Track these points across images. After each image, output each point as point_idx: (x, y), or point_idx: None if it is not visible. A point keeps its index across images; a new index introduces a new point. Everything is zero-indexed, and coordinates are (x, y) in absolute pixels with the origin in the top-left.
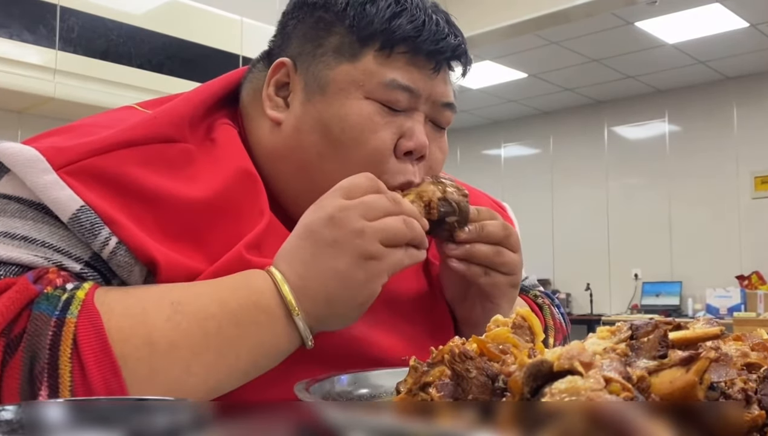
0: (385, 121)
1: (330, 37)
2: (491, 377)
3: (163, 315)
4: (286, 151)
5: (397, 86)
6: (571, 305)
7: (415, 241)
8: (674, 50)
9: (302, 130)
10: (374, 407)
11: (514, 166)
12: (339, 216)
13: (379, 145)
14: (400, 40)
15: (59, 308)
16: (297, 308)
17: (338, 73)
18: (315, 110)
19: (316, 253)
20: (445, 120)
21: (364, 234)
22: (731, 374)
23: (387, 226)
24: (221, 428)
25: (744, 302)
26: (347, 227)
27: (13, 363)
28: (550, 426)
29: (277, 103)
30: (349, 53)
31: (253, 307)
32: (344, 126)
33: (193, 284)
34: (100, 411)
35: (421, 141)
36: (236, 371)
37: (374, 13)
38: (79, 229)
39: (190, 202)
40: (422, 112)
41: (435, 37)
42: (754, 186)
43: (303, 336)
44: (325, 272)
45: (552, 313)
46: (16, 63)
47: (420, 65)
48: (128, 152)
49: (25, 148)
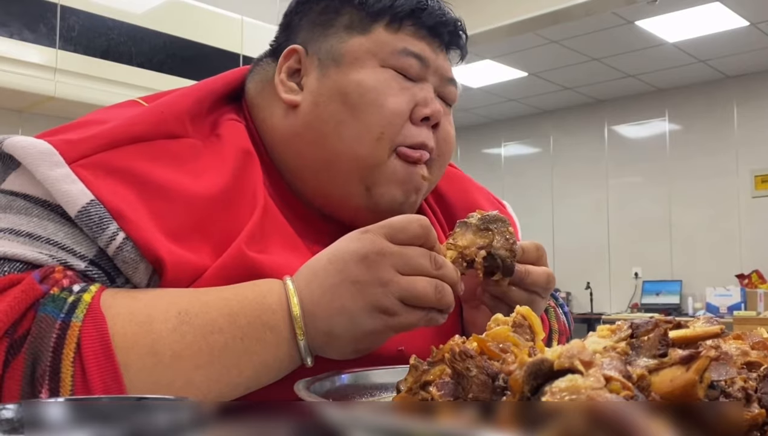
0: (401, 87)
1: (340, 18)
2: (491, 375)
3: (169, 325)
4: (303, 128)
5: (409, 53)
6: (571, 303)
7: (440, 308)
8: (674, 49)
9: (320, 104)
10: (374, 406)
11: (514, 165)
12: (373, 259)
13: (397, 108)
14: (407, 15)
15: (65, 311)
16: (303, 330)
17: (352, 45)
18: (331, 81)
19: (335, 285)
20: (451, 95)
21: (388, 287)
22: (731, 373)
23: (415, 287)
24: (221, 428)
25: (744, 300)
26: (375, 273)
27: (16, 364)
28: (551, 425)
29: (291, 88)
30: (360, 27)
31: (261, 324)
32: (362, 90)
33: (202, 292)
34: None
35: (436, 107)
36: (238, 386)
37: None
38: (87, 222)
39: (197, 196)
40: (431, 84)
41: (437, 13)
42: (754, 185)
43: (303, 356)
44: (337, 307)
45: (557, 315)
46: (16, 62)
47: (427, 39)
48: (137, 148)
49: (38, 141)
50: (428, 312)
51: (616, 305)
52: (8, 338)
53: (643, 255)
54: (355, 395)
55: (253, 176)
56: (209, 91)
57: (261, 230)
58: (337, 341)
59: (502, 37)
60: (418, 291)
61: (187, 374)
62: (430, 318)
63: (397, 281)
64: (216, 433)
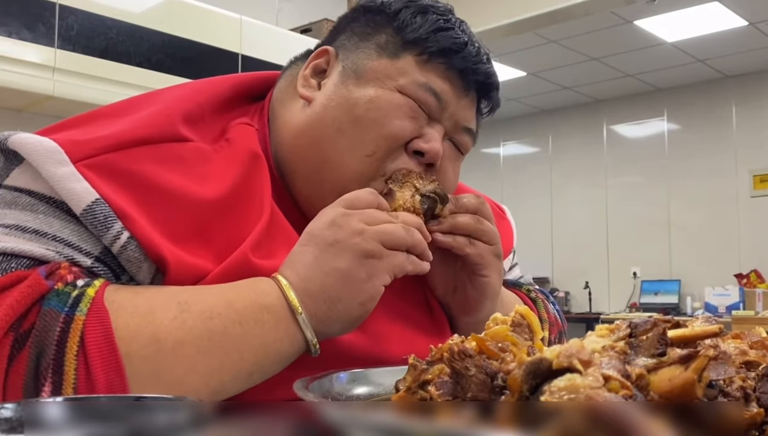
0: (410, 115)
1: (377, 35)
2: (490, 375)
3: (170, 314)
4: (307, 127)
5: (429, 89)
6: (570, 303)
7: (416, 249)
8: (673, 49)
9: (328, 107)
10: (373, 406)
11: (513, 164)
12: (340, 220)
13: (397, 131)
14: (440, 52)
15: (69, 305)
16: (300, 308)
17: (377, 65)
18: (346, 91)
19: (317, 254)
20: (464, 144)
21: (364, 233)
22: (730, 372)
23: (386, 229)
24: (221, 427)
25: (743, 300)
26: (347, 228)
27: (21, 358)
28: (549, 424)
29: (311, 84)
30: (391, 51)
31: (257, 307)
32: (371, 106)
33: (201, 287)
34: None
35: (436, 147)
36: (240, 372)
37: (422, 22)
38: (92, 221)
39: (202, 201)
40: (444, 127)
41: (473, 58)
42: (752, 184)
43: (308, 339)
44: (327, 272)
45: (546, 307)
46: (15, 61)
47: (453, 81)
48: (144, 150)
49: (44, 139)
50: (409, 256)
51: (614, 305)
52: (14, 333)
53: (642, 255)
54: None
55: (260, 181)
56: (213, 95)
57: (267, 235)
58: (340, 305)
59: (501, 37)
60: (391, 231)
61: (189, 360)
62: (413, 261)
63: (369, 227)
64: (215, 432)
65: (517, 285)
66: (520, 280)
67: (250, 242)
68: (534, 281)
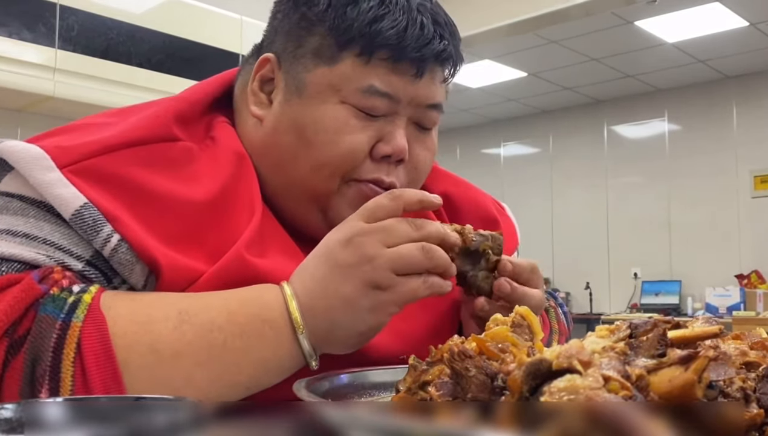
0: (362, 124)
1: (310, 38)
2: (490, 375)
3: (169, 324)
4: (265, 148)
5: (375, 92)
6: (570, 303)
7: (436, 269)
8: (674, 49)
9: (279, 130)
10: (373, 406)
11: (513, 165)
12: (357, 240)
13: (354, 147)
14: (380, 46)
15: (65, 311)
16: (302, 325)
17: (315, 76)
18: (292, 111)
19: (327, 274)
20: (430, 121)
21: (375, 261)
22: (730, 373)
23: (401, 254)
24: (220, 428)
25: (743, 301)
26: (361, 252)
27: (15, 364)
28: (549, 425)
29: (261, 100)
30: (328, 56)
31: (259, 321)
32: (318, 128)
33: (202, 294)
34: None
35: (399, 146)
36: (237, 385)
37: (354, 17)
38: (81, 225)
39: (192, 203)
40: (404, 116)
41: (417, 43)
42: (753, 185)
43: (306, 355)
44: (332, 294)
45: (557, 315)
46: (15, 62)
47: (401, 71)
48: (131, 152)
49: (30, 146)
50: (426, 278)
51: (615, 305)
52: (8, 338)
53: (643, 255)
54: (354, 395)
55: (248, 180)
56: (204, 94)
57: (260, 234)
58: (340, 330)
59: (502, 38)
60: (405, 256)
61: (187, 371)
62: (431, 284)
63: (382, 253)
64: (214, 433)
65: None
66: None
67: (245, 240)
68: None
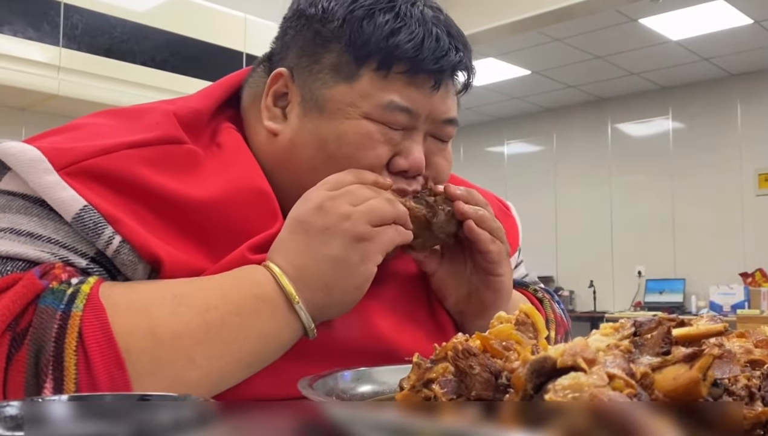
0: (384, 138)
1: (327, 54)
2: (494, 373)
3: (166, 308)
4: (281, 162)
5: (396, 107)
6: (574, 302)
7: (399, 219)
8: (678, 47)
9: (297, 145)
10: (377, 404)
11: (517, 163)
12: (327, 205)
13: (373, 161)
14: (399, 59)
15: (64, 302)
16: (296, 296)
17: (336, 93)
18: (312, 126)
19: (309, 242)
20: (446, 135)
21: (352, 217)
22: (734, 371)
23: (373, 207)
24: (225, 425)
25: (747, 299)
26: (335, 212)
27: (19, 357)
28: (554, 423)
29: (275, 114)
30: (346, 73)
31: (254, 298)
32: (341, 143)
33: (195, 279)
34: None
35: (417, 161)
36: (239, 362)
37: (371, 31)
38: (83, 228)
39: (195, 203)
40: (421, 131)
41: (434, 55)
42: (758, 183)
43: (305, 325)
44: (320, 259)
45: (552, 306)
46: (20, 60)
47: (419, 84)
48: (132, 152)
49: (28, 148)
50: (395, 227)
51: (619, 304)
52: (10, 332)
53: (647, 253)
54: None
55: (259, 184)
56: (212, 99)
57: (270, 240)
58: (336, 290)
59: (505, 35)
60: (377, 208)
61: (188, 352)
62: (400, 232)
63: (356, 209)
64: (219, 430)
65: (523, 285)
66: (525, 278)
67: (251, 244)
68: (539, 280)
